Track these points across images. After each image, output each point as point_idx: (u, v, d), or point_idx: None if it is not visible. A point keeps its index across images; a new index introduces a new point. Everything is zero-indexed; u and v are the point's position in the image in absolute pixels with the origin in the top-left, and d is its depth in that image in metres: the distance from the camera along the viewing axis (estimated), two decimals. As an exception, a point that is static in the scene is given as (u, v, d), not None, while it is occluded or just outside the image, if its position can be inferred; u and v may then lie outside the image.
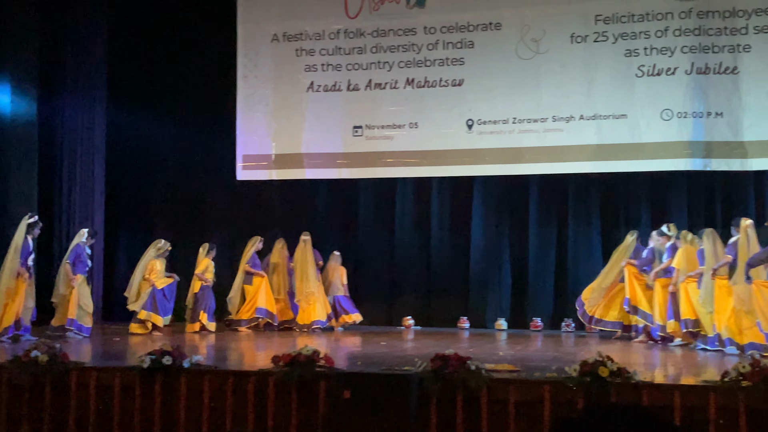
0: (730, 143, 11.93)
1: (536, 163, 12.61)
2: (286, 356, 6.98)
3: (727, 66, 11.90)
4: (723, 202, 12.89)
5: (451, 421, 6.53)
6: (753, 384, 6.15)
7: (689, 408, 6.27)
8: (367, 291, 13.82)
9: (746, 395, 6.14)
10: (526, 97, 12.56)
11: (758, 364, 6.28)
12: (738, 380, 6.26)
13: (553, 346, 10.50)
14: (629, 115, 12.23)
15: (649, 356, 9.29)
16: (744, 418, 6.12)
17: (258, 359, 8.61)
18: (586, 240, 13.13)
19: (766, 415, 6.10)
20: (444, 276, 13.64)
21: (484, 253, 13.53)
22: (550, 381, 6.63)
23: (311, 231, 13.15)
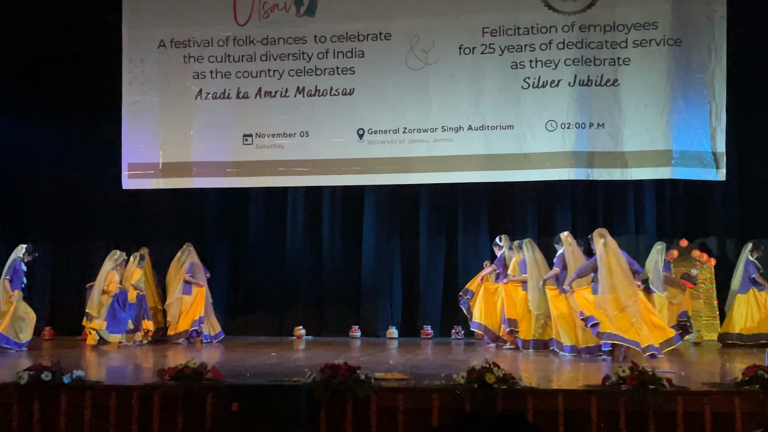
0: (611, 153, 12.32)
1: (426, 172, 12.72)
2: (172, 369, 6.84)
3: (608, 78, 12.30)
4: (605, 210, 13.32)
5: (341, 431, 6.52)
6: (632, 387, 6.36)
7: (572, 412, 6.44)
8: (258, 301, 13.70)
9: (626, 399, 6.34)
10: (416, 107, 12.66)
11: (637, 368, 6.50)
12: (618, 384, 6.47)
13: (443, 354, 10.62)
14: (516, 126, 12.47)
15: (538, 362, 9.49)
16: (623, 421, 6.33)
17: (146, 372, 8.40)
18: (474, 248, 13.34)
19: (644, 417, 6.32)
20: (335, 285, 13.63)
21: (376, 262, 13.60)
22: (438, 389, 6.70)
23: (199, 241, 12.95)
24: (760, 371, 6.47)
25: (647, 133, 12.20)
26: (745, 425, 6.26)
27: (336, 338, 12.94)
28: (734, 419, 6.33)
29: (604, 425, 6.38)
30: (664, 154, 12.19)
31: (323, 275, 13.70)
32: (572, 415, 6.45)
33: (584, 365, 8.96)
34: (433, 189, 13.40)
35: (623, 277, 9.45)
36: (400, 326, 13.35)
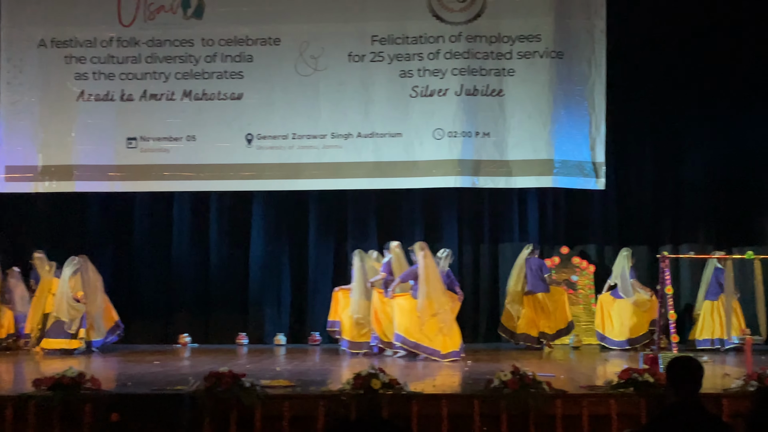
0: (497, 162, 12.58)
1: (315, 179, 12.68)
2: (49, 379, 6.62)
3: (493, 89, 12.55)
4: (490, 216, 13.59)
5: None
6: (513, 391, 6.50)
7: (456, 416, 6.53)
8: (142, 308, 13.35)
9: (507, 402, 6.48)
10: (306, 113, 12.62)
11: (518, 372, 6.65)
12: (500, 388, 6.60)
13: (330, 360, 10.60)
14: (404, 134, 12.58)
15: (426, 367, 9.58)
16: (505, 424, 6.46)
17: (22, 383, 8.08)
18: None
19: (525, 419, 6.46)
20: (222, 292, 13.43)
21: (264, 269, 13.47)
22: (324, 395, 6.69)
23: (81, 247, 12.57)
24: (635, 374, 6.71)
25: (530, 142, 12.51)
26: (620, 426, 6.48)
27: (222, 346, 12.74)
28: (610, 421, 6.54)
29: (487, 428, 6.49)
30: (546, 164, 12.52)
31: (210, 282, 13.48)
32: (456, 419, 6.54)
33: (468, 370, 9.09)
34: (323, 195, 13.37)
35: (438, 287, 10.56)
36: (288, 333, 13.25)
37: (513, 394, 6.49)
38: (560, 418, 6.51)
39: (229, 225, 13.68)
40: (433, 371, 8.87)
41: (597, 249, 13.44)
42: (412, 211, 13.63)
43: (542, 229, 13.57)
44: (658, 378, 6.62)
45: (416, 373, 8.62)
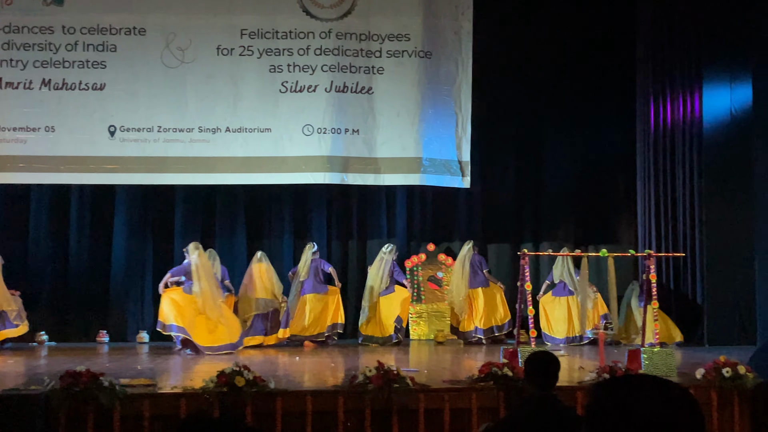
0: (366, 159, 12.69)
1: (182, 173, 12.45)
2: None
3: (363, 86, 12.64)
4: (359, 213, 13.68)
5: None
6: (377, 387, 6.57)
7: (320, 412, 6.55)
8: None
9: (371, 398, 6.54)
10: (172, 106, 12.37)
11: (383, 367, 6.72)
12: (365, 384, 6.65)
13: (195, 359, 10.42)
14: (273, 129, 12.52)
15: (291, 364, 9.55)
16: (369, 420, 6.52)
17: None
18: (230, 250, 13.21)
19: (389, 414, 6.54)
20: (82, 288, 12.96)
21: (126, 264, 13.09)
22: (186, 394, 6.58)
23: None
24: (494, 368, 6.90)
25: (399, 140, 12.68)
26: (481, 419, 6.64)
27: (82, 344, 12.32)
28: (471, 414, 6.70)
29: (351, 424, 6.54)
30: (414, 162, 12.72)
31: (69, 278, 12.99)
32: (321, 415, 6.55)
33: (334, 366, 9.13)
34: (190, 190, 13.12)
35: (208, 285, 10.93)
36: (151, 330, 12.92)
37: (377, 390, 6.56)
38: (423, 413, 6.62)
39: (91, 220, 13.22)
40: (299, 368, 8.85)
41: (461, 246, 13.72)
42: (282, 208, 13.56)
43: (410, 227, 13.77)
44: (516, 372, 6.83)
45: (281, 369, 8.58)
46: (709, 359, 7.31)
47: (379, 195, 13.57)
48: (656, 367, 7.83)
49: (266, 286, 11.68)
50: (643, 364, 7.88)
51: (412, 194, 13.69)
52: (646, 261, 9.00)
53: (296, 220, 13.53)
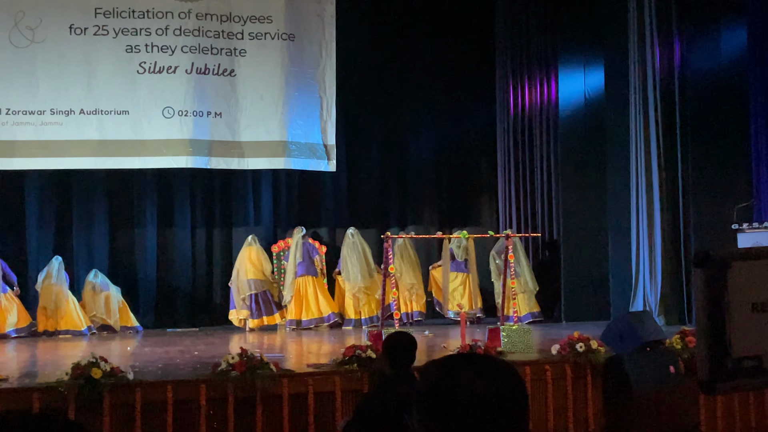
0: (229, 143, 12.53)
1: (33, 158, 11.97)
2: None
3: (225, 68, 12.47)
4: (222, 199, 13.52)
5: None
6: (240, 373, 6.54)
7: (182, 402, 6.47)
8: None
9: (234, 384, 6.51)
10: (22, 87, 11.86)
11: (245, 353, 6.69)
12: (228, 371, 6.61)
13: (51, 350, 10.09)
14: (131, 112, 12.19)
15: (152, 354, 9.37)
16: (232, 407, 6.49)
17: None
18: (88, 239, 12.81)
19: (252, 402, 6.53)
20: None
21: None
22: (39, 388, 6.37)
23: None
24: (358, 350, 6.99)
25: (263, 124, 12.60)
26: (345, 402, 6.73)
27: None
28: (335, 397, 6.77)
29: (213, 412, 6.49)
30: (279, 145, 12.67)
31: None
32: (182, 404, 6.47)
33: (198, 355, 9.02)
34: (43, 176, 12.62)
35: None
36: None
37: (240, 377, 6.53)
38: (287, 397, 6.64)
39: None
40: (160, 356, 8.70)
41: (329, 230, 13.80)
42: (144, 194, 13.22)
43: (276, 211, 13.71)
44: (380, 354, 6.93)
45: (141, 359, 8.42)
46: (565, 335, 7.63)
47: (244, 180, 13.44)
48: (514, 344, 8.12)
49: (257, 267, 12.15)
50: (502, 342, 8.15)
51: (278, 179, 13.64)
52: (505, 241, 9.30)
53: (160, 206, 13.24)
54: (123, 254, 13.06)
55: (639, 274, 11.07)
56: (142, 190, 13.22)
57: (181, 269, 13.28)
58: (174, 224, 13.35)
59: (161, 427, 6.34)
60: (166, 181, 13.20)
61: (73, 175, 12.72)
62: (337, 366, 6.99)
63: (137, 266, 13.10)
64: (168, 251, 13.36)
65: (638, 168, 11.06)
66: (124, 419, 6.30)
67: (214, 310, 13.32)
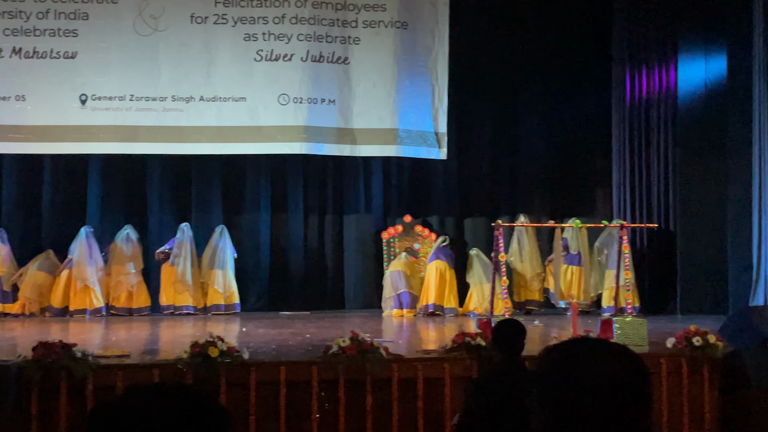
0: (342, 130, 12.67)
1: (155, 142, 12.39)
2: None
3: (339, 56, 12.60)
4: (335, 185, 13.70)
5: (55, 411, 6.27)
6: (351, 356, 6.64)
7: (294, 382, 6.62)
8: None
9: (345, 367, 6.61)
10: (145, 74, 12.28)
11: (357, 337, 6.79)
12: (339, 354, 6.72)
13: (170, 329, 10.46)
14: (248, 99, 12.46)
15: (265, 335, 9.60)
16: (343, 389, 6.59)
17: None
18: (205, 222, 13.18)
19: (362, 385, 6.62)
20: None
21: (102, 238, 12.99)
22: (159, 364, 6.62)
23: None
24: (468, 338, 6.99)
25: (375, 111, 12.67)
26: (454, 388, 6.75)
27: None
28: (444, 383, 6.79)
29: (325, 393, 6.62)
30: (390, 133, 12.73)
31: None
32: (294, 385, 6.62)
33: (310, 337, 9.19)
34: (164, 160, 13.08)
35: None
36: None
37: (350, 360, 6.63)
38: (396, 382, 6.71)
39: (65, 191, 13.14)
40: (273, 338, 8.91)
41: (439, 218, 13.81)
42: (258, 180, 13.54)
43: (386, 198, 13.81)
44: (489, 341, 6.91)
45: (255, 340, 8.63)
46: (680, 329, 7.44)
47: (355, 167, 13.59)
48: (628, 336, 7.95)
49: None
50: (615, 334, 8.00)
51: (389, 166, 13.72)
52: (619, 232, 9.11)
53: (273, 192, 13.53)
54: (237, 238, 13.38)
55: (761, 267, 10.66)
56: (257, 176, 13.52)
57: (293, 254, 13.53)
58: (287, 209, 13.60)
59: (274, 406, 6.50)
60: (280, 167, 13.46)
61: (192, 160, 13.11)
62: (446, 352, 7.01)
63: (251, 250, 13.42)
64: (281, 236, 13.64)
65: (762, 157, 10.65)
66: (239, 397, 6.49)
67: (325, 294, 13.54)
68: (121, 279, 12.26)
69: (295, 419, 6.55)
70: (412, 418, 6.66)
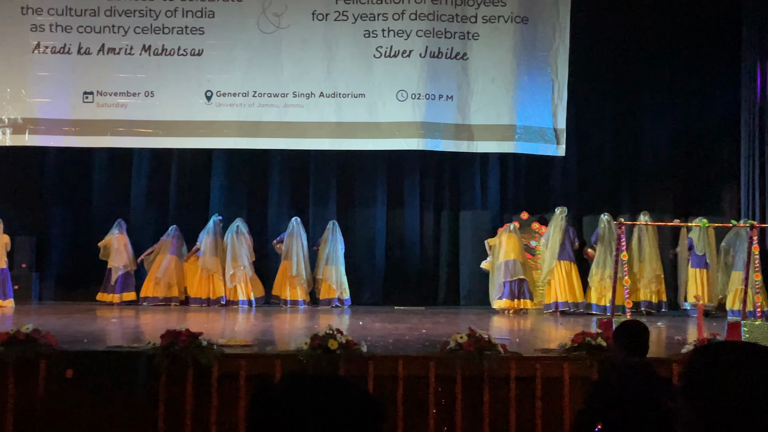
0: (459, 126, 12.65)
1: (276, 138, 12.68)
2: (3, 334, 6.62)
3: (458, 52, 12.59)
4: (451, 181, 13.70)
5: (181, 397, 6.49)
6: (468, 353, 6.62)
7: (411, 377, 6.65)
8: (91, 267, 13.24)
9: (462, 363, 6.60)
10: (267, 71, 12.58)
11: (474, 334, 6.77)
12: (456, 350, 6.72)
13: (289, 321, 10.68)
14: (367, 95, 12.60)
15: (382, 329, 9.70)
16: (460, 385, 6.59)
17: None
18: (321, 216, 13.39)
19: (479, 381, 6.61)
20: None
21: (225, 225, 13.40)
22: (281, 354, 6.77)
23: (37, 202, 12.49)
24: (588, 338, 6.87)
25: (493, 107, 12.60)
26: (573, 389, 6.65)
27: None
28: (563, 383, 6.70)
29: (442, 389, 6.63)
30: (508, 129, 12.63)
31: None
32: (412, 380, 6.66)
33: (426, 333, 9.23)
34: (284, 156, 13.38)
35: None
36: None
37: (468, 356, 6.62)
38: (514, 380, 6.66)
39: (189, 183, 13.63)
40: (390, 332, 8.98)
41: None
42: (374, 175, 13.67)
43: (503, 195, 13.72)
44: (611, 342, 6.78)
45: (372, 334, 8.72)
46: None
47: (472, 163, 13.55)
48: (757, 340, 7.66)
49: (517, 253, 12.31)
50: (743, 337, 7.73)
51: (506, 162, 13.63)
52: (749, 232, 8.79)
53: (389, 187, 13.64)
54: (352, 233, 13.56)
55: None
56: (373, 171, 13.65)
57: (408, 249, 13.61)
58: (403, 205, 13.69)
59: (392, 399, 6.55)
60: (396, 163, 13.55)
61: (310, 155, 13.34)
62: (565, 352, 6.92)
63: (366, 245, 13.57)
64: (396, 231, 13.74)
65: None
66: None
67: (441, 290, 13.57)
68: (235, 271, 12.59)
69: (413, 414, 6.60)
70: (530, 418, 6.60)
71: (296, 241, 12.74)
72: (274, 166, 13.65)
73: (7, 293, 12.06)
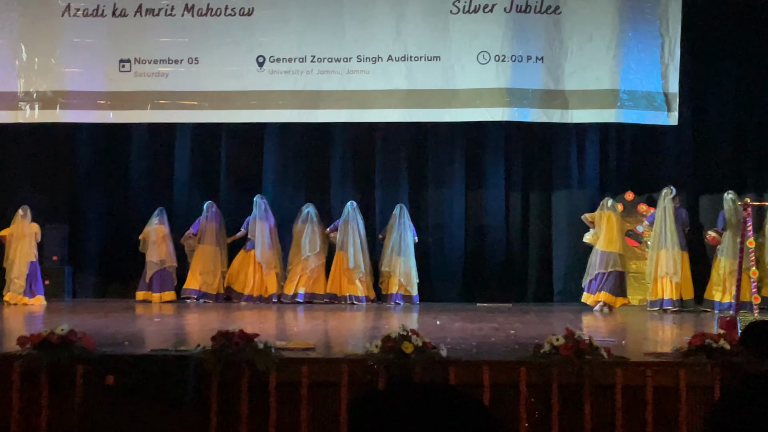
0: (552, 92, 12.50)
1: (338, 109, 12.71)
2: (36, 337, 6.77)
3: (549, 5, 12.41)
4: (541, 157, 13.59)
5: (236, 406, 6.57)
6: (566, 357, 6.56)
7: (500, 385, 6.63)
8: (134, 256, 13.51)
9: (559, 370, 6.55)
10: (327, 32, 12.59)
11: (572, 336, 6.71)
12: (551, 354, 6.67)
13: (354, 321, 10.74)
14: (443, 57, 12.53)
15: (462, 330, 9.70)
16: (556, 395, 6.55)
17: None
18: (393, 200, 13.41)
19: (579, 390, 6.55)
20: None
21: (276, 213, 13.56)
22: (348, 359, 6.80)
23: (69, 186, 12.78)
24: (708, 340, 6.75)
25: (591, 69, 12.43)
26: (690, 400, 6.55)
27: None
28: (678, 393, 6.60)
29: (535, 399, 6.59)
30: (609, 94, 12.46)
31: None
32: (499, 388, 6.63)
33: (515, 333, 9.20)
34: (347, 129, 13.42)
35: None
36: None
37: (566, 362, 6.56)
38: (620, 389, 6.59)
39: (239, 161, 13.77)
40: (472, 333, 8.97)
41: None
42: (452, 151, 13.63)
43: (603, 172, 13.55)
44: (735, 345, 6.66)
45: (452, 335, 8.72)
46: None
47: (567, 135, 13.41)
48: None
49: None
50: None
51: (607, 134, 13.46)
52: None
53: (468, 165, 13.59)
54: (425, 218, 13.55)
55: None
56: (450, 146, 13.61)
57: (492, 236, 13.56)
58: (485, 186, 13.64)
59: (477, 411, 6.53)
60: (477, 137, 13.49)
61: (377, 128, 13.35)
62: (681, 357, 6.81)
63: (442, 232, 13.55)
64: (478, 216, 13.70)
65: None
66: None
67: (530, 283, 13.49)
68: (300, 264, 12.69)
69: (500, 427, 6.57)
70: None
71: (352, 228, 12.79)
72: (335, 141, 13.70)
73: (37, 289, 12.36)
